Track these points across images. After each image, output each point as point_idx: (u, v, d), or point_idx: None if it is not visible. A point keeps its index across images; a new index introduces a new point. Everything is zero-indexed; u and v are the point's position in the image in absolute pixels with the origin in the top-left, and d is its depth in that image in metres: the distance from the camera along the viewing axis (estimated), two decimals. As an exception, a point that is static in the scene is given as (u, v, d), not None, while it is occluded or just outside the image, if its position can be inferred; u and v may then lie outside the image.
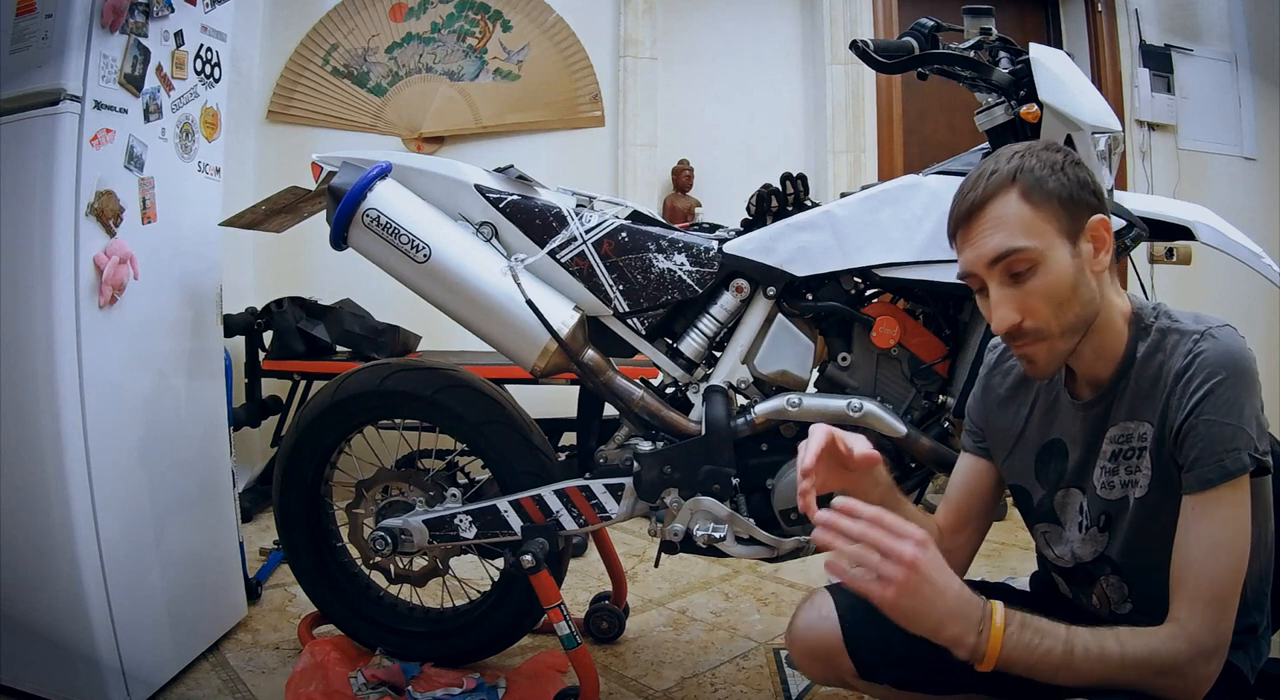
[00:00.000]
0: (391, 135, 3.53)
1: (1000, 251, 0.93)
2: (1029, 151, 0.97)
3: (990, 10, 1.50)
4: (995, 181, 0.95)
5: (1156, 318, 0.98)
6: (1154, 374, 0.95)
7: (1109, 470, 1.01)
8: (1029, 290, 0.93)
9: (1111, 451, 1.00)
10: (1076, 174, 0.96)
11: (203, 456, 1.87)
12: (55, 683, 1.56)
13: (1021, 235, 0.93)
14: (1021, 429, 1.11)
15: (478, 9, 3.58)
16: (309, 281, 3.19)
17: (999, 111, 1.48)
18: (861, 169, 3.72)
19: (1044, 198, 0.94)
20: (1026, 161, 0.95)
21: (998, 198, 0.95)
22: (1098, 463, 1.02)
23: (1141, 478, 0.97)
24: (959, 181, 1.46)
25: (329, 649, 1.71)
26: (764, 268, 1.54)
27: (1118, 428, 1.00)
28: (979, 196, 0.96)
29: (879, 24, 3.76)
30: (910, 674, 1.13)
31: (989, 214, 0.95)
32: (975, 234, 0.96)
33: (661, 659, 1.88)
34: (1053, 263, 0.93)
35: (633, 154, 3.66)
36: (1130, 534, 0.99)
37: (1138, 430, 0.97)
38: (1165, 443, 0.94)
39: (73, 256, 1.47)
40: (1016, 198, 0.94)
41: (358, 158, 1.59)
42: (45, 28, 1.46)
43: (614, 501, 1.57)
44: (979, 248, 0.96)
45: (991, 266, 0.94)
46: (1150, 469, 0.96)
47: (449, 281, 1.52)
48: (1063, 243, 0.94)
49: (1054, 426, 1.08)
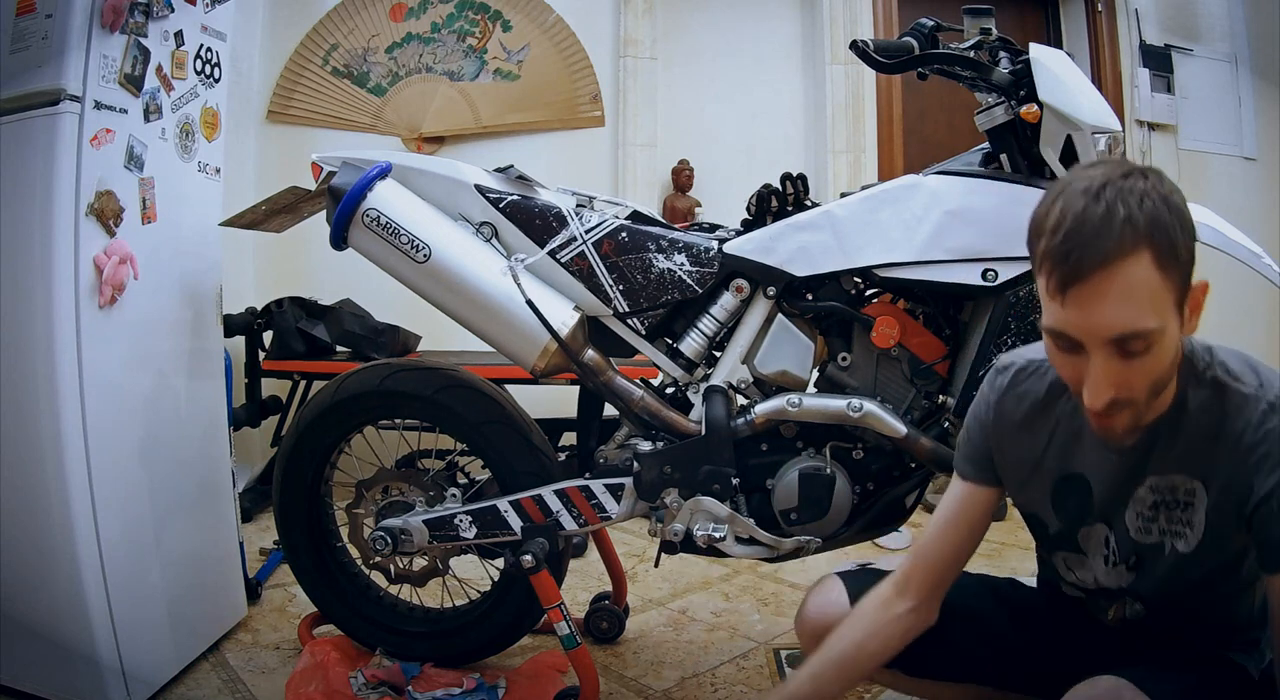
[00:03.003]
0: (391, 135, 3.53)
1: (1126, 332, 0.80)
2: (1154, 191, 0.81)
3: (990, 10, 1.49)
4: (1130, 235, 0.79)
5: (1210, 365, 0.91)
6: (1209, 432, 0.89)
7: (1147, 516, 0.97)
8: (1135, 368, 0.82)
9: (1152, 500, 0.96)
10: (1191, 223, 0.83)
11: (203, 456, 1.87)
12: (55, 683, 1.56)
13: (1151, 313, 0.80)
14: (1039, 458, 1.05)
15: (478, 9, 3.58)
16: (309, 281, 3.19)
17: (999, 111, 1.48)
18: (861, 169, 3.72)
19: (1174, 264, 0.80)
20: (1160, 211, 0.80)
21: (1131, 258, 0.79)
22: (1131, 506, 0.98)
23: (1190, 533, 0.93)
24: (959, 181, 1.48)
25: (329, 649, 1.71)
26: (764, 268, 1.54)
27: (1160, 477, 0.94)
28: (1109, 250, 0.78)
29: (879, 24, 3.76)
30: (919, 660, 1.14)
31: (1118, 278, 0.79)
32: (1095, 298, 0.80)
33: (661, 659, 1.88)
34: (1167, 340, 0.82)
35: (633, 154, 3.66)
36: (1165, 579, 0.97)
37: (1185, 485, 0.93)
38: (1226, 511, 0.89)
39: (73, 256, 1.47)
40: (1150, 263, 0.79)
41: (358, 158, 1.59)
42: (45, 28, 1.46)
43: (614, 501, 1.57)
44: (1098, 319, 0.80)
45: (1106, 343, 0.81)
46: (1203, 529, 0.92)
47: (449, 281, 1.52)
48: (1175, 315, 0.82)
49: (1076, 460, 1.02)
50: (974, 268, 1.44)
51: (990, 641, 1.16)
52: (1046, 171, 1.46)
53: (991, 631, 1.17)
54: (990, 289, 1.43)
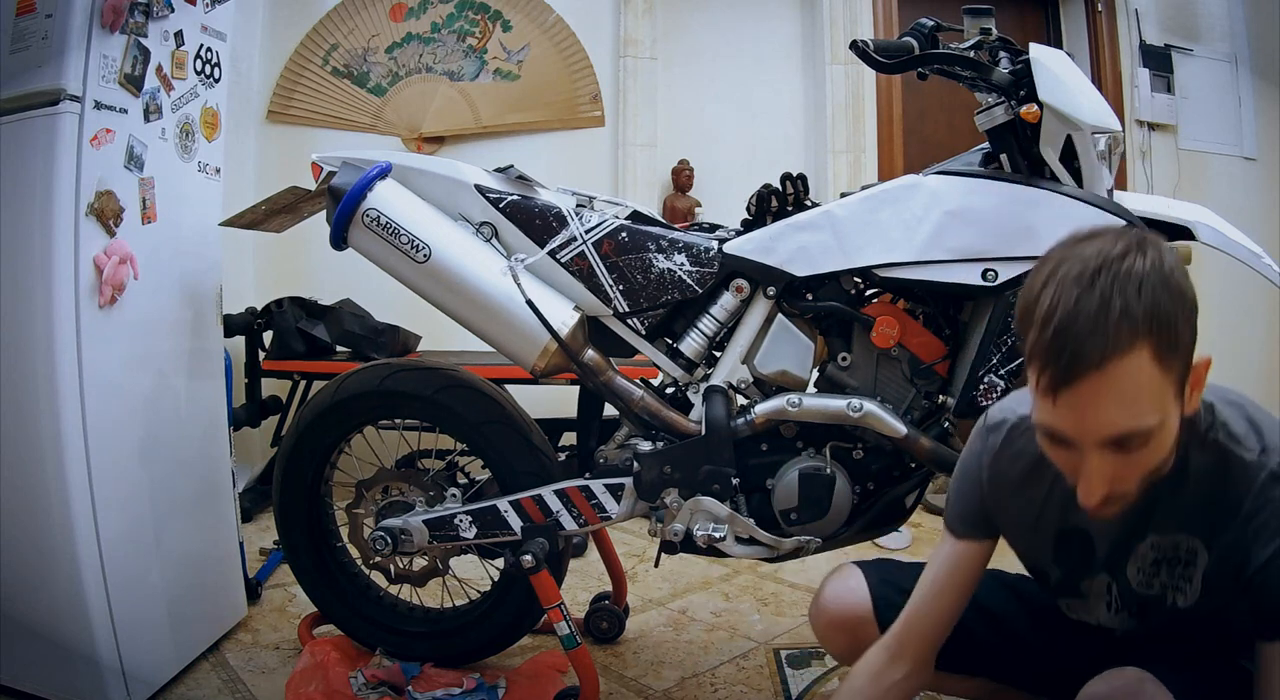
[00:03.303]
0: (391, 135, 3.53)
1: (1122, 434, 0.77)
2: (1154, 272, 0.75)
3: (990, 10, 1.49)
4: (1128, 332, 0.73)
5: (1212, 427, 0.87)
6: (1210, 495, 0.88)
7: (1149, 572, 0.96)
8: (1132, 461, 0.79)
9: (1154, 557, 0.95)
10: (1195, 302, 0.78)
11: (203, 456, 1.87)
12: (55, 683, 1.56)
13: (1150, 412, 0.76)
14: (1038, 514, 1.02)
15: (478, 9, 3.58)
16: (309, 281, 3.19)
17: (999, 111, 1.48)
18: (861, 169, 3.72)
19: (1175, 354, 0.76)
20: (1159, 297, 0.74)
21: (1129, 357, 0.73)
22: (1133, 561, 0.97)
23: (1190, 590, 0.93)
24: (959, 181, 1.48)
25: (329, 649, 1.71)
26: (764, 268, 1.53)
27: (1162, 536, 0.93)
28: (1105, 350, 0.73)
29: (879, 24, 3.76)
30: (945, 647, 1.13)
31: (1114, 379, 0.74)
32: (1089, 401, 0.75)
33: (661, 659, 1.88)
34: (1165, 432, 0.79)
35: (633, 154, 3.66)
36: (1166, 626, 0.97)
37: (1187, 543, 0.92)
38: (1224, 574, 0.88)
39: (73, 256, 1.47)
40: (1149, 358, 0.74)
41: (358, 158, 1.59)
42: (45, 28, 1.46)
43: (614, 501, 1.57)
44: (1093, 422, 0.77)
45: (1101, 443, 0.78)
46: (1200, 588, 0.92)
47: (449, 281, 1.52)
48: (1176, 403, 0.79)
49: (1075, 514, 0.99)
50: (974, 268, 1.44)
51: (1006, 636, 1.16)
52: (1046, 171, 1.46)
53: (1007, 626, 1.17)
54: (990, 289, 1.43)
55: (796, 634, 2.01)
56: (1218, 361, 0.88)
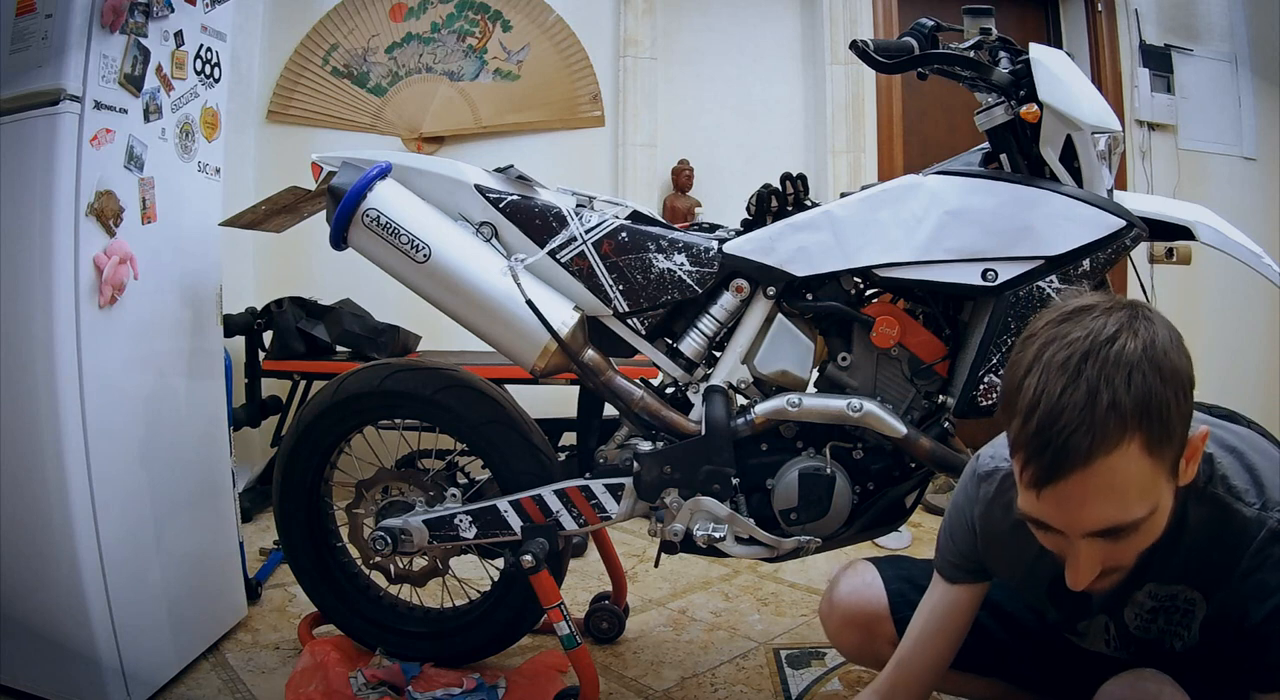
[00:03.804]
0: (391, 135, 3.53)
1: (1109, 526, 0.74)
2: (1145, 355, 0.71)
3: (990, 10, 1.50)
4: (1116, 427, 0.69)
5: (1211, 480, 0.85)
6: (1209, 548, 0.86)
7: (1146, 618, 0.96)
8: (1121, 547, 0.77)
9: (1152, 605, 0.94)
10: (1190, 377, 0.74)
11: (203, 456, 1.87)
12: (55, 683, 1.56)
13: (1139, 504, 0.73)
14: (1033, 560, 0.99)
15: (478, 9, 3.57)
16: (309, 281, 3.19)
17: (999, 111, 1.48)
18: (861, 169, 3.72)
19: (1168, 444, 0.72)
20: (1150, 385, 0.70)
21: (1117, 452, 0.70)
22: (1130, 607, 0.97)
23: (1187, 636, 0.92)
24: (959, 181, 1.48)
25: (329, 649, 1.71)
26: (764, 268, 1.53)
27: (1160, 586, 0.92)
28: (1091, 446, 0.69)
29: (879, 24, 3.76)
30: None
31: (1102, 475, 0.70)
32: (1075, 497, 0.72)
33: (661, 659, 1.88)
34: (1158, 514, 0.76)
35: (633, 154, 3.66)
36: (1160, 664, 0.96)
37: (1185, 594, 0.91)
38: (1222, 626, 0.87)
39: (73, 256, 1.47)
40: (1139, 451, 0.70)
41: (358, 158, 1.59)
42: (45, 28, 1.46)
43: (614, 501, 1.57)
44: (1079, 517, 0.74)
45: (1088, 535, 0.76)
46: (1198, 637, 0.91)
47: (449, 281, 1.52)
48: (1169, 485, 0.75)
49: None
50: (974, 268, 1.44)
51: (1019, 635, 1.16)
52: (1046, 171, 1.46)
53: (1022, 628, 1.17)
54: (990, 289, 1.43)
55: (796, 634, 2.01)
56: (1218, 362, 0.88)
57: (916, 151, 3.79)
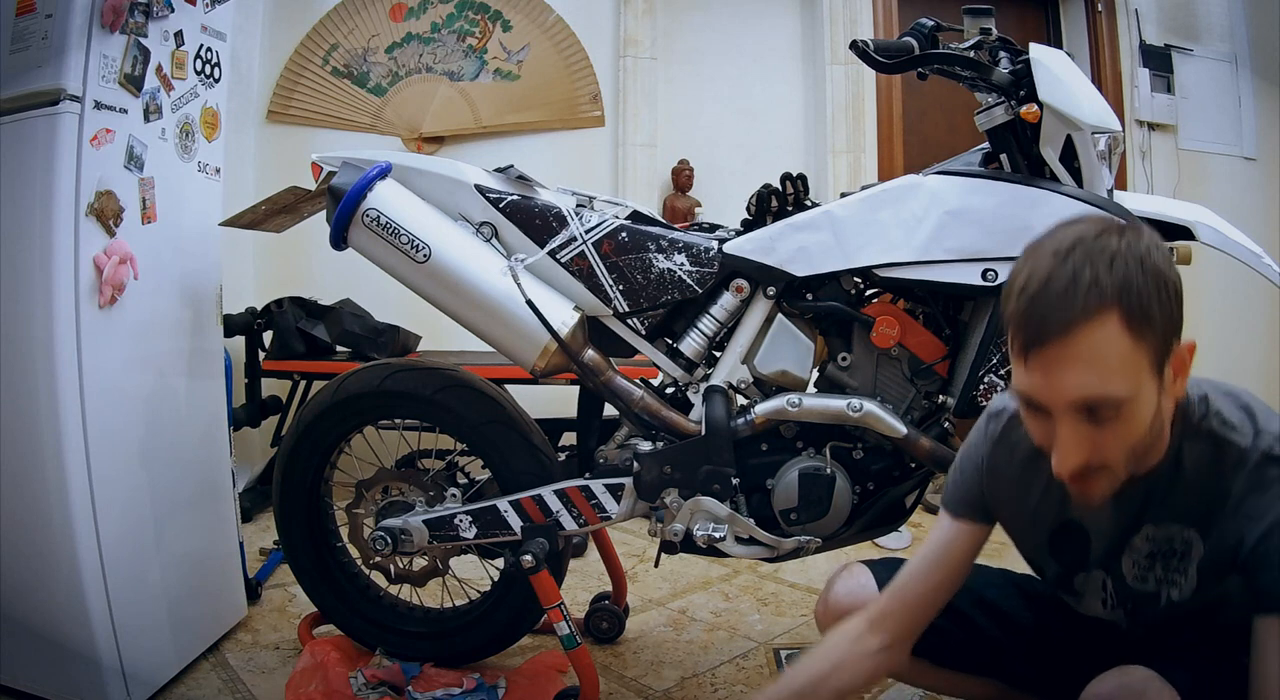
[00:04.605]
0: (391, 135, 3.53)
1: (1089, 398, 0.78)
2: (1129, 252, 0.78)
3: (990, 10, 1.50)
4: (1096, 299, 0.76)
5: (1205, 417, 0.88)
6: (1205, 483, 0.88)
7: (1143, 565, 0.96)
8: (1105, 432, 0.80)
9: (1149, 550, 0.95)
10: (1176, 286, 0.80)
11: (203, 456, 1.87)
12: (55, 683, 1.56)
13: (1117, 379, 0.77)
14: (1035, 507, 1.03)
15: (478, 9, 3.58)
16: (309, 281, 3.19)
17: (999, 111, 1.48)
18: (861, 169, 3.72)
19: (1147, 327, 0.77)
20: (1131, 272, 0.77)
21: (1095, 322, 0.76)
22: (1128, 554, 0.97)
23: (1184, 583, 0.93)
24: (959, 181, 1.48)
25: (329, 649, 1.71)
26: (764, 268, 1.54)
27: (1157, 527, 0.94)
28: (1074, 316, 0.76)
29: (879, 24, 3.76)
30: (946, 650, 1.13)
31: (1082, 342, 0.76)
32: (1056, 364, 0.78)
33: (661, 659, 1.88)
34: (1140, 405, 0.79)
35: (633, 154, 3.66)
36: (1160, 621, 0.97)
37: (1181, 534, 0.92)
38: (1219, 562, 0.88)
39: (73, 256, 1.47)
40: (1118, 327, 0.76)
41: (358, 158, 1.59)
42: (45, 28, 1.46)
43: (614, 501, 1.57)
44: (1059, 384, 0.79)
45: (1070, 408, 0.80)
46: (1195, 580, 0.92)
47: (449, 281, 1.52)
48: (1152, 378, 0.79)
49: (1072, 508, 1.00)
50: (974, 268, 1.44)
51: (1015, 635, 1.16)
52: (1046, 171, 1.46)
53: (1017, 626, 1.17)
54: (990, 289, 1.43)
55: (796, 634, 2.01)
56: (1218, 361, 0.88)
57: (916, 151, 3.79)
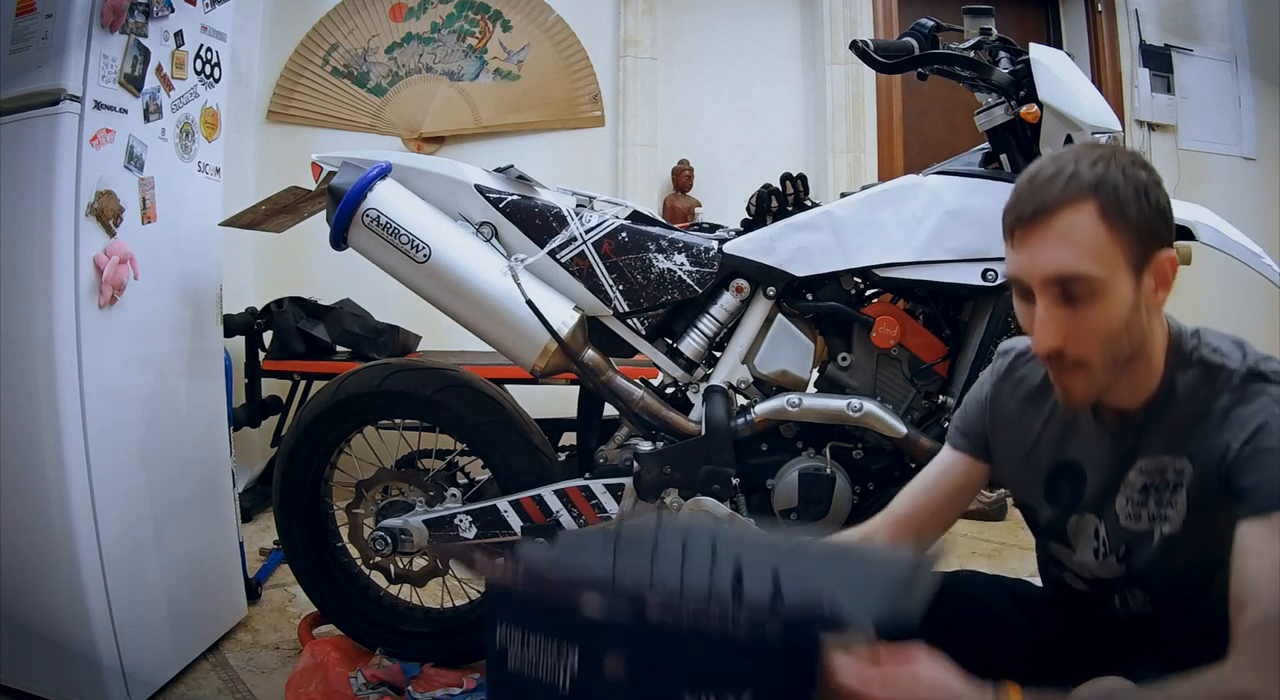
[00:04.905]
0: (391, 135, 3.53)
1: (1063, 272, 0.85)
2: (1114, 160, 0.87)
3: (990, 10, 1.50)
4: (1075, 187, 0.85)
5: (1197, 348, 0.93)
6: (1198, 411, 0.90)
7: (1137, 501, 0.97)
8: (1081, 316, 0.86)
9: (1142, 483, 0.96)
10: (1159, 200, 0.87)
11: (203, 456, 1.87)
12: (55, 683, 1.56)
13: (1090, 259, 0.84)
14: (1032, 445, 1.05)
15: (478, 9, 3.58)
16: (309, 281, 3.18)
17: (999, 111, 1.48)
18: (861, 169, 3.72)
19: (1122, 221, 0.85)
20: (1111, 173, 0.85)
21: (1073, 206, 0.85)
22: (1123, 492, 0.98)
23: (1174, 515, 0.93)
24: (959, 181, 1.48)
25: (329, 649, 1.71)
26: (764, 268, 1.54)
27: (1150, 460, 0.95)
28: (1053, 197, 0.86)
29: (879, 24, 3.76)
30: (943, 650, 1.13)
31: (1059, 222, 0.85)
32: (1037, 240, 0.87)
33: (661, 659, 1.88)
34: (1113, 294, 0.85)
35: (633, 154, 3.66)
36: (1154, 565, 0.97)
37: (1174, 465, 0.93)
38: (1207, 484, 0.89)
39: (73, 256, 1.47)
40: (1094, 213, 0.84)
41: (358, 158, 1.59)
42: (45, 28, 1.46)
43: (614, 501, 1.57)
44: (1038, 258, 0.86)
45: (1047, 283, 0.86)
46: (1185, 507, 0.92)
47: (449, 281, 1.52)
48: (1128, 274, 0.86)
49: (1070, 447, 1.02)
50: (974, 268, 1.44)
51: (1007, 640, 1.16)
52: (1046, 171, 1.46)
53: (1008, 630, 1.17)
54: (990, 289, 1.43)
55: (796, 634, 2.01)
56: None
57: (916, 151, 3.79)
